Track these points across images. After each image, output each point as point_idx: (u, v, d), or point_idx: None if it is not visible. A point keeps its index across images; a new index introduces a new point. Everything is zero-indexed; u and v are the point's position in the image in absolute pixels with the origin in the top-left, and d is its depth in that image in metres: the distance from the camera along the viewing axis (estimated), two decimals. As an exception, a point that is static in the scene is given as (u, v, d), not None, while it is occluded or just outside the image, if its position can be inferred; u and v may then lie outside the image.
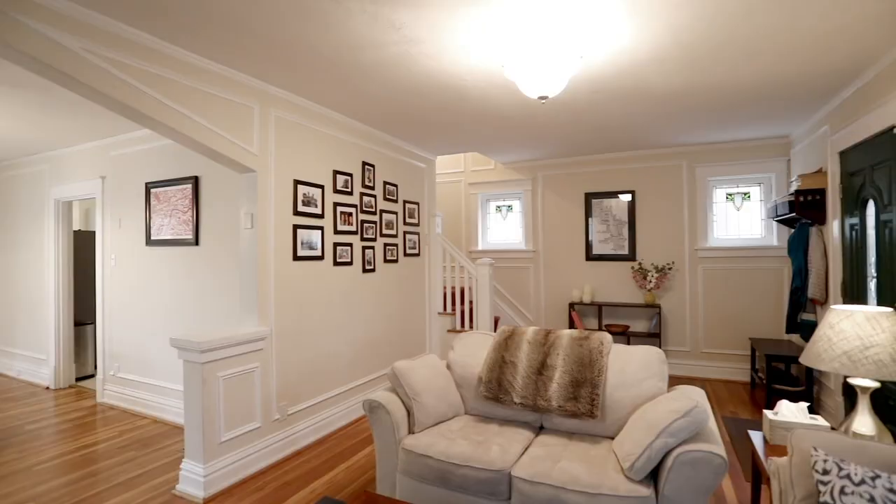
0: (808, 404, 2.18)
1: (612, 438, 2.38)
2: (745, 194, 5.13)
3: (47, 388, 5.04)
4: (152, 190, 4.11)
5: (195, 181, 3.80)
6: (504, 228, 6.42)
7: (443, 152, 5.31)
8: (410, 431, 2.48)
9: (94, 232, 5.24)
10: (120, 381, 4.38)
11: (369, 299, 4.20)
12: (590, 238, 5.72)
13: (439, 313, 5.18)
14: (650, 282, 5.24)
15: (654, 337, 5.17)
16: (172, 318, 3.99)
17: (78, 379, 5.23)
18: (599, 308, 5.45)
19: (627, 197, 5.54)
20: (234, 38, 2.48)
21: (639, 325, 5.46)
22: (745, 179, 5.09)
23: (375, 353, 4.29)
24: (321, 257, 3.61)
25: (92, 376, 5.29)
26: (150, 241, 4.13)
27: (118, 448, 3.44)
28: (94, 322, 5.27)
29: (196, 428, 2.74)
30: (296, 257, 3.37)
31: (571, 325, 5.57)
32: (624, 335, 5.26)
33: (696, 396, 2.10)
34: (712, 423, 2.04)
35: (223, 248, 3.67)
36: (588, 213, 5.73)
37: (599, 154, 5.59)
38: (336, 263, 3.77)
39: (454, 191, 6.52)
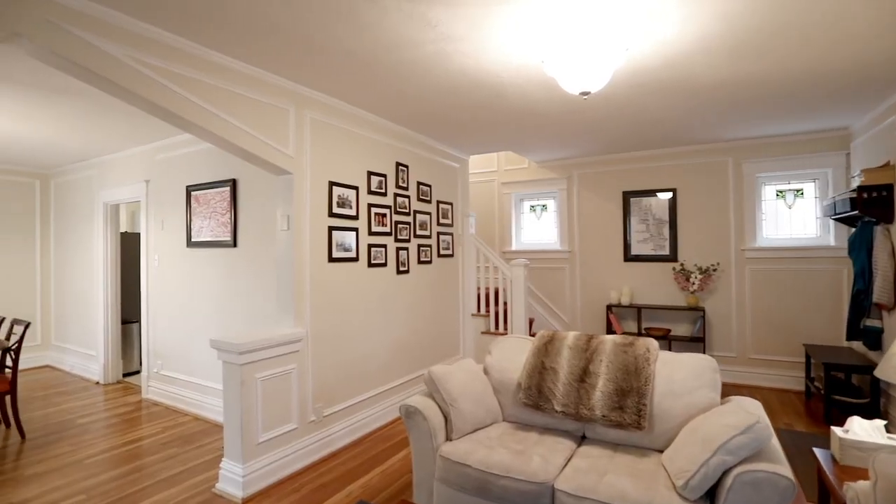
0: (884, 422, 2.00)
1: (661, 451, 2.25)
2: (797, 191, 4.83)
3: (97, 382, 5.26)
4: (192, 193, 4.21)
5: (233, 184, 3.87)
6: (538, 228, 6.29)
7: (476, 152, 5.23)
8: (448, 438, 2.43)
9: (139, 233, 5.43)
10: (163, 379, 4.52)
11: (403, 301, 4.17)
12: (628, 238, 5.52)
13: (473, 315, 5.11)
14: (693, 283, 5.01)
15: (697, 341, 4.94)
16: (211, 318, 4.08)
17: (125, 375, 5.43)
18: (638, 310, 5.26)
19: (668, 195, 5.32)
20: (270, 42, 2.49)
21: (680, 329, 5.23)
22: (797, 175, 4.79)
23: (409, 354, 4.26)
24: (356, 259, 3.60)
25: (137, 372, 5.49)
26: (190, 243, 4.24)
27: (161, 444, 3.53)
28: (139, 320, 5.46)
29: (235, 428, 2.77)
30: (331, 259, 3.37)
31: (609, 328, 5.39)
32: (665, 339, 5.05)
33: (754, 410, 1.96)
34: (776, 441, 1.89)
35: (260, 250, 3.72)
36: (626, 213, 5.54)
37: (638, 151, 5.39)
38: (370, 265, 3.75)
39: (487, 191, 6.44)
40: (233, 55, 2.64)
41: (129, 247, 5.53)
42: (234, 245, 3.88)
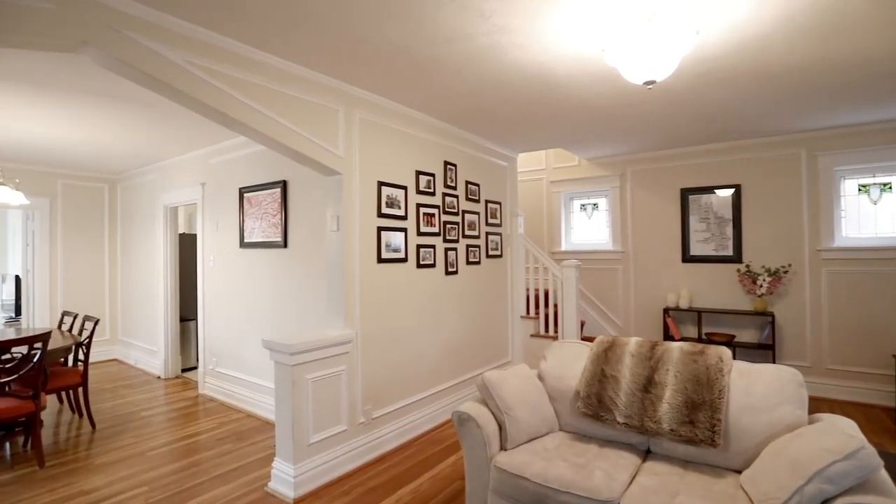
0: None
1: (737, 472, 2.05)
2: (884, 185, 4.38)
3: (158, 377, 5.51)
4: (245, 194, 4.31)
5: (283, 185, 3.92)
6: (589, 228, 6.05)
7: (525, 149, 5.09)
8: (502, 448, 2.32)
9: (195, 234, 5.65)
10: (217, 375, 4.66)
11: (452, 302, 4.10)
12: (687, 238, 5.20)
13: (522, 317, 4.96)
14: (761, 286, 4.64)
15: (765, 349, 4.58)
16: (263, 317, 4.16)
17: (183, 370, 5.66)
18: (699, 314, 4.94)
19: (731, 192, 4.96)
20: (320, 41, 2.47)
21: (746, 335, 4.87)
22: (884, 168, 4.34)
23: (458, 357, 4.18)
24: (405, 259, 3.56)
25: (194, 368, 5.71)
26: (243, 244, 4.34)
27: (217, 440, 3.62)
28: (195, 318, 5.68)
29: (287, 429, 2.78)
30: (380, 259, 3.34)
31: (666, 333, 5.10)
32: (728, 346, 4.71)
33: (853, 431, 1.74)
34: (884, 471, 1.66)
35: (310, 251, 3.75)
36: (684, 211, 5.22)
37: (698, 145, 5.07)
38: (419, 266, 3.70)
39: (536, 189, 6.26)
40: (284, 56, 2.65)
41: (187, 247, 5.76)
42: (285, 245, 3.94)
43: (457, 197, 4.16)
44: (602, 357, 2.50)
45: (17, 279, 6.81)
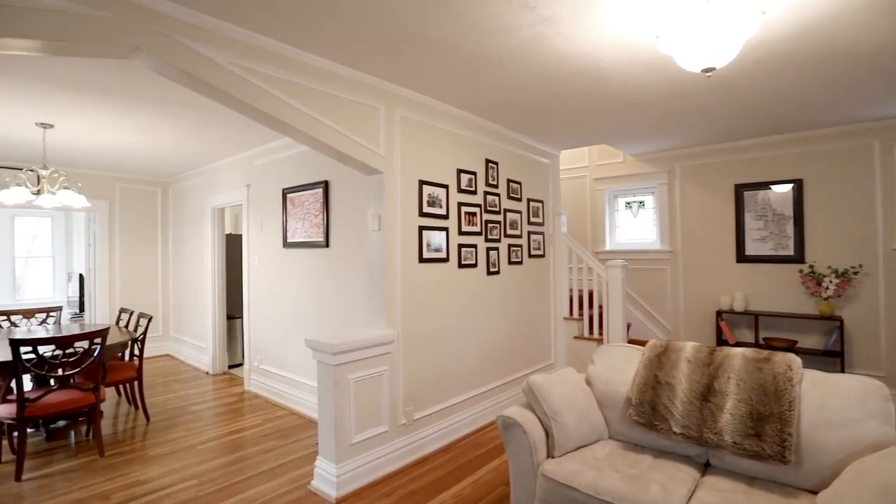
0: None
1: (812, 492, 1.88)
2: (971, 178, 3.97)
3: (207, 373, 5.70)
4: (288, 195, 4.38)
5: (325, 185, 3.96)
6: (635, 227, 5.82)
7: (568, 146, 4.94)
8: (549, 455, 2.23)
9: (241, 235, 5.82)
10: (262, 373, 4.76)
11: (494, 303, 4.02)
12: (742, 236, 4.91)
13: (565, 318, 4.82)
14: (827, 289, 4.31)
15: (832, 356, 4.25)
16: (306, 316, 4.21)
17: (230, 366, 5.84)
18: (755, 318, 4.64)
19: (790, 187, 4.64)
20: (362, 38, 2.45)
21: (810, 341, 4.54)
22: (971, 159, 3.93)
23: (500, 358, 4.10)
24: (446, 259, 3.51)
25: (241, 365, 5.88)
26: (286, 244, 4.42)
27: (261, 436, 3.69)
28: (242, 316, 5.85)
29: (329, 428, 2.78)
30: (421, 259, 3.30)
31: (719, 337, 4.83)
32: (791, 352, 4.39)
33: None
34: None
35: (351, 251, 3.76)
36: (739, 208, 4.92)
37: (754, 138, 4.77)
38: (461, 265, 3.64)
39: (579, 187, 6.08)
40: (325, 55, 2.65)
41: (233, 247, 5.94)
42: (327, 245, 3.97)
43: (498, 195, 4.08)
44: (655, 362, 2.37)
45: (81, 277, 7.23)
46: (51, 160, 5.27)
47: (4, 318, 4.69)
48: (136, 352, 4.13)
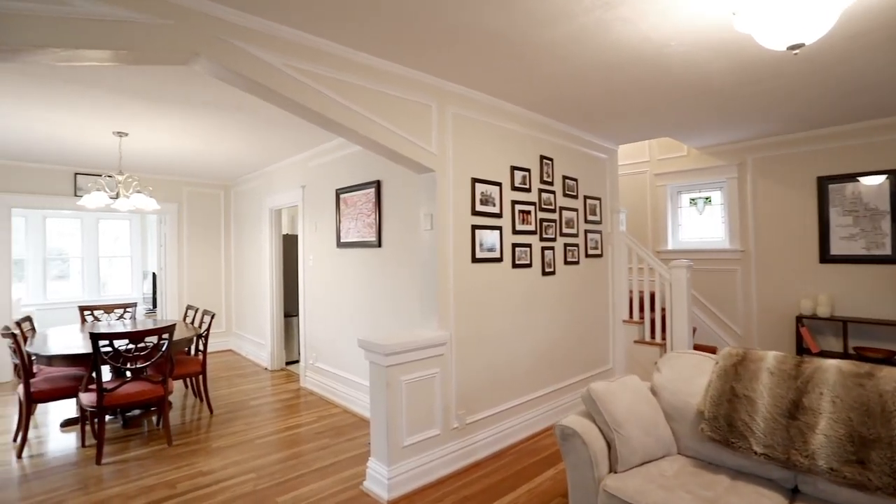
0: None
1: (928, 528, 1.62)
2: None
3: (265, 368, 5.91)
4: (341, 195, 4.44)
5: (377, 185, 3.96)
6: (700, 224, 5.44)
7: (627, 140, 4.68)
8: (612, 469, 2.08)
9: (297, 235, 5.99)
10: (317, 370, 4.86)
11: (549, 304, 3.87)
12: (826, 234, 4.45)
13: (624, 321, 4.57)
14: (931, 293, 3.81)
15: (939, 369, 3.74)
16: (358, 316, 4.25)
17: (287, 363, 6.03)
18: (843, 324, 4.19)
19: (885, 178, 4.14)
20: (414, 36, 2.40)
21: (909, 351, 4.04)
22: None
23: (555, 362, 3.94)
24: (500, 259, 3.40)
25: (297, 361, 6.05)
26: (340, 244, 4.48)
27: (315, 433, 3.74)
28: (297, 315, 6.02)
29: (381, 430, 2.76)
30: (474, 259, 3.22)
31: (799, 345, 4.40)
32: (889, 363, 3.93)
33: None
34: None
35: (403, 250, 3.74)
36: (822, 203, 4.47)
37: (840, 125, 4.30)
38: (515, 265, 3.53)
39: (638, 183, 5.78)
40: (377, 54, 2.63)
41: (290, 247, 6.13)
42: (379, 245, 3.98)
43: (553, 193, 3.92)
44: (731, 373, 2.15)
45: (154, 276, 7.74)
46: (126, 166, 5.66)
47: (89, 312, 5.08)
48: (201, 347, 4.33)
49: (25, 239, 7.84)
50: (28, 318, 4.28)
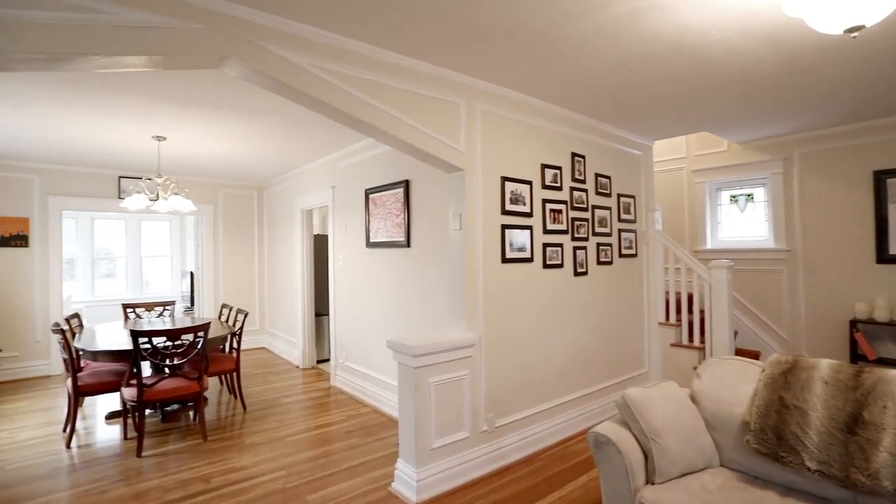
0: None
1: None
2: None
3: (297, 366, 6.01)
4: (370, 195, 4.45)
5: (406, 185, 3.95)
6: (741, 223, 5.19)
7: (663, 136, 4.50)
8: (649, 480, 1.99)
9: (327, 235, 6.06)
10: (347, 369, 4.90)
11: (581, 306, 3.76)
12: (885, 232, 4.15)
13: (660, 323, 4.41)
14: None
15: None
16: (388, 315, 4.25)
17: (318, 361, 6.11)
18: (903, 330, 3.90)
19: (955, 172, 3.83)
20: (441, 31, 2.36)
21: (979, 359, 3.72)
22: None
23: (588, 366, 3.83)
24: (530, 259, 3.33)
25: (328, 360, 6.12)
26: (369, 244, 4.49)
27: (345, 433, 3.76)
28: (328, 314, 6.09)
29: (409, 431, 2.74)
30: (504, 259, 3.16)
31: (854, 351, 4.13)
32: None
33: None
34: None
35: (432, 250, 3.71)
36: (879, 199, 4.17)
37: (900, 115, 4.01)
38: (546, 266, 3.44)
39: (674, 180, 5.56)
40: (404, 52, 2.60)
41: (321, 247, 6.21)
42: (408, 245, 3.96)
43: (586, 191, 3.81)
44: (780, 381, 2.01)
45: (192, 275, 8.00)
46: (164, 169, 5.85)
47: (132, 310, 5.28)
48: (235, 345, 4.43)
49: (76, 239, 8.25)
50: (76, 315, 4.49)
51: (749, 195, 5.14)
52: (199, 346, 3.61)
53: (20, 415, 4.29)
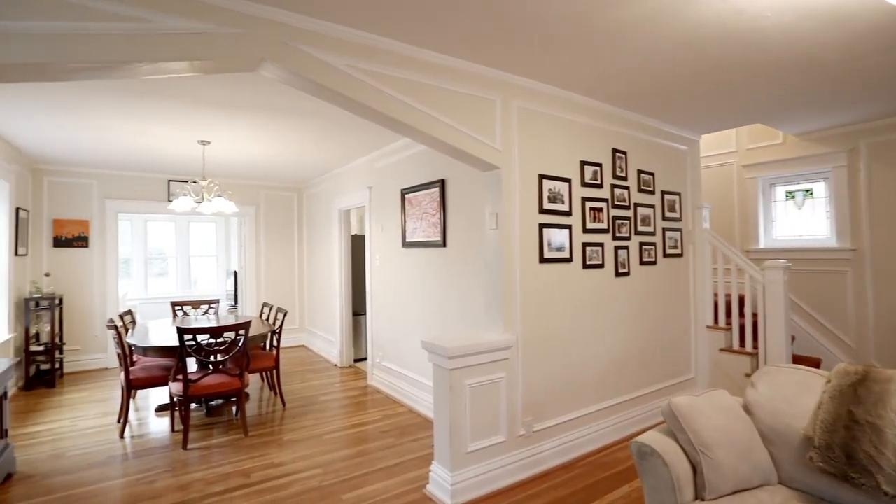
0: None
1: None
2: None
3: (335, 365, 6.10)
4: (406, 195, 4.44)
5: (442, 184, 3.91)
6: (799, 220, 4.86)
7: (711, 129, 4.27)
8: (698, 497, 1.86)
9: (364, 235, 6.12)
10: (383, 369, 4.92)
11: (623, 307, 3.61)
12: (965, 230, 3.77)
13: (708, 327, 4.18)
14: None
15: None
16: (423, 316, 4.23)
17: (356, 360, 6.18)
18: None
19: None
20: (476, 26, 2.30)
21: None
22: None
23: (629, 370, 3.67)
24: (569, 259, 3.22)
25: (365, 359, 6.18)
26: (405, 244, 4.49)
27: (381, 432, 3.77)
28: (365, 313, 6.14)
29: (444, 434, 2.70)
30: (542, 259, 3.07)
31: (929, 360, 3.77)
32: None
33: None
34: None
35: (468, 250, 3.67)
36: (960, 193, 3.79)
37: None
38: (585, 266, 3.32)
39: (723, 176, 5.27)
40: (439, 49, 2.56)
41: (358, 247, 6.27)
42: (444, 245, 3.93)
43: (627, 189, 3.65)
44: (849, 394, 1.84)
45: (236, 274, 8.29)
46: (209, 172, 6.08)
47: (179, 307, 5.51)
48: (275, 343, 4.53)
49: (131, 240, 8.72)
50: (129, 312, 4.72)
51: (807, 191, 4.80)
52: (240, 344, 3.71)
53: (81, 404, 4.56)
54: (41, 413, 4.32)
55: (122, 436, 3.72)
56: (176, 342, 3.68)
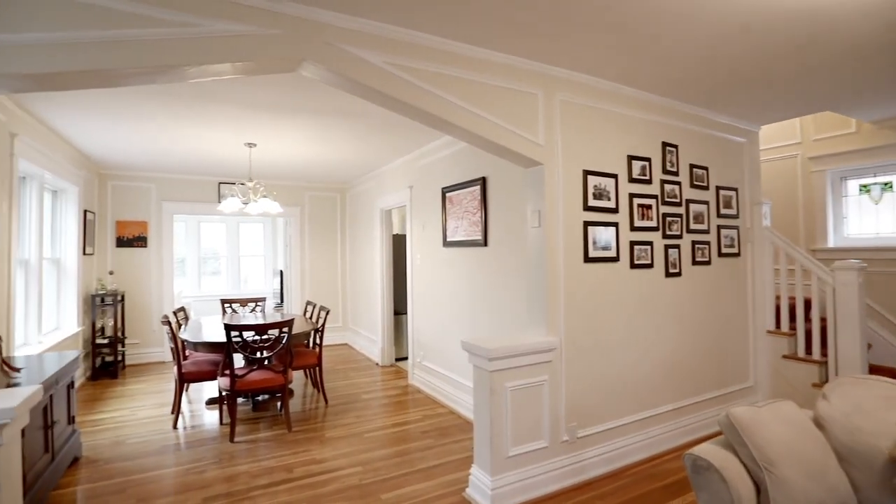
0: None
1: None
2: None
3: (377, 364, 6.16)
4: (447, 194, 4.40)
5: (483, 182, 3.85)
6: (875, 217, 4.44)
7: (771, 120, 3.97)
8: (762, 517, 1.70)
9: (405, 235, 6.14)
10: (424, 369, 4.90)
11: (673, 309, 3.42)
12: None
13: (769, 331, 3.89)
14: None
15: None
16: (464, 316, 4.18)
17: (397, 359, 6.21)
18: None
19: None
20: (517, 17, 2.22)
21: None
22: None
23: (681, 375, 3.47)
24: (616, 258, 3.08)
25: (406, 358, 6.20)
26: (446, 243, 4.45)
27: (421, 432, 3.75)
28: (406, 312, 6.16)
29: (485, 437, 2.63)
30: (587, 259, 2.94)
31: None
32: None
33: None
34: None
35: (509, 249, 3.58)
36: None
37: None
38: (633, 266, 3.16)
39: (786, 169, 4.90)
40: (478, 43, 2.50)
41: (400, 246, 6.30)
42: (485, 244, 3.86)
43: (679, 184, 3.45)
44: (941, 410, 1.63)
45: (281, 273, 8.55)
46: (255, 174, 6.28)
47: (229, 305, 5.73)
48: (318, 340, 4.61)
49: (185, 240, 9.17)
50: (182, 308, 4.94)
51: (887, 184, 4.38)
52: (283, 341, 3.79)
53: (139, 395, 4.82)
54: (104, 402, 4.60)
55: (175, 426, 3.89)
56: (223, 338, 3.81)
